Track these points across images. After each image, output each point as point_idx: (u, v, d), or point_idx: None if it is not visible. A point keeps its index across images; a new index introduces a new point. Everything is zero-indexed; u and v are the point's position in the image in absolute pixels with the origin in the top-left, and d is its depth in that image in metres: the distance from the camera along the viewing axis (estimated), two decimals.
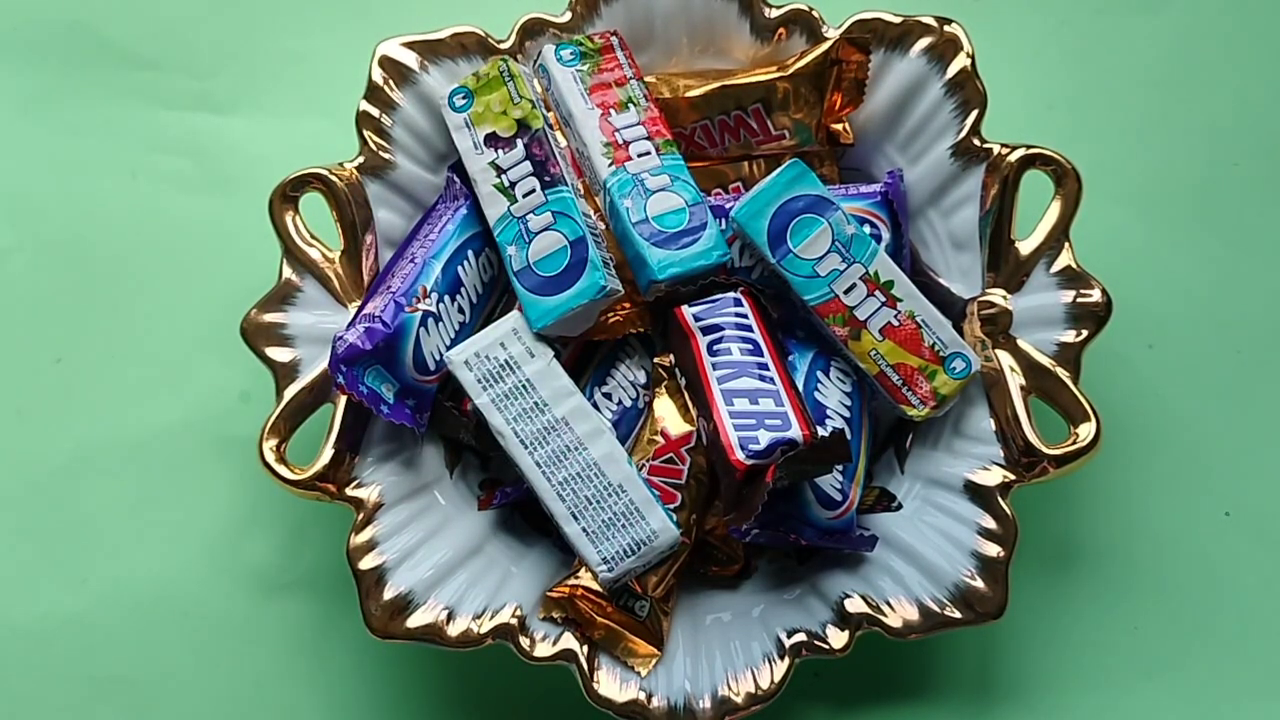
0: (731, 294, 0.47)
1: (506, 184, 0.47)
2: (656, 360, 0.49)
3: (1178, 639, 0.52)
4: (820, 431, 0.45)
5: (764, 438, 0.44)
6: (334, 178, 0.48)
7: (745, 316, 0.47)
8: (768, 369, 0.46)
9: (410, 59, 0.49)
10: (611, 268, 0.46)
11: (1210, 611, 0.52)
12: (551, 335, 0.46)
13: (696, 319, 0.47)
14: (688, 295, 0.48)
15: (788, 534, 0.45)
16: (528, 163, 0.47)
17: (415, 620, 0.46)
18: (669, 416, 0.47)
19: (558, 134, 0.49)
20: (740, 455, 0.43)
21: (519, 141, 0.47)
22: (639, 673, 0.46)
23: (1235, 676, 0.51)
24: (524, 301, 0.46)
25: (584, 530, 0.45)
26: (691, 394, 0.47)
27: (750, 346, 0.46)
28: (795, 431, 0.44)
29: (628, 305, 0.48)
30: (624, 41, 0.49)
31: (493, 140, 0.47)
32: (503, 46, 0.50)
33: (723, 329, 0.46)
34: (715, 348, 0.46)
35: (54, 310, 0.56)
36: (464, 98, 0.48)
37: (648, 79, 0.50)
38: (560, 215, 0.46)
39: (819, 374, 0.48)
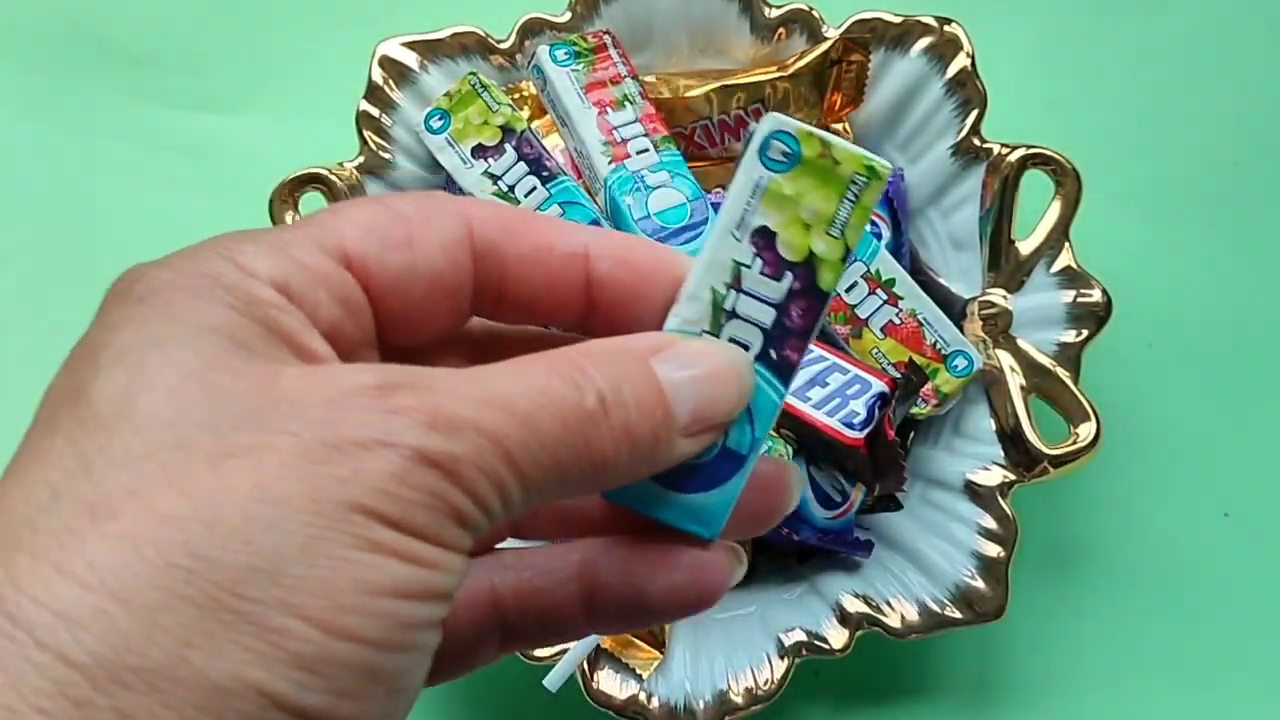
0: None
1: (504, 189, 0.47)
2: None
3: (1178, 639, 0.52)
4: (893, 373, 0.46)
5: (859, 406, 0.44)
6: (334, 178, 0.48)
7: None
8: (810, 350, 0.46)
9: (410, 59, 0.49)
10: None
11: (1210, 611, 0.52)
12: None
13: None
14: None
15: (782, 528, 0.45)
16: (522, 164, 0.47)
17: None
18: None
19: (553, 135, 0.49)
20: (851, 434, 0.44)
21: (507, 146, 0.47)
22: (640, 675, 0.46)
23: (1235, 676, 0.51)
24: None
25: None
26: None
27: None
28: (878, 384, 0.45)
29: None
30: (618, 40, 0.49)
31: (480, 151, 0.47)
32: (502, 46, 0.50)
33: None
34: None
35: (54, 310, 0.56)
36: (440, 119, 0.48)
37: (647, 79, 0.50)
38: (568, 204, 0.46)
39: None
